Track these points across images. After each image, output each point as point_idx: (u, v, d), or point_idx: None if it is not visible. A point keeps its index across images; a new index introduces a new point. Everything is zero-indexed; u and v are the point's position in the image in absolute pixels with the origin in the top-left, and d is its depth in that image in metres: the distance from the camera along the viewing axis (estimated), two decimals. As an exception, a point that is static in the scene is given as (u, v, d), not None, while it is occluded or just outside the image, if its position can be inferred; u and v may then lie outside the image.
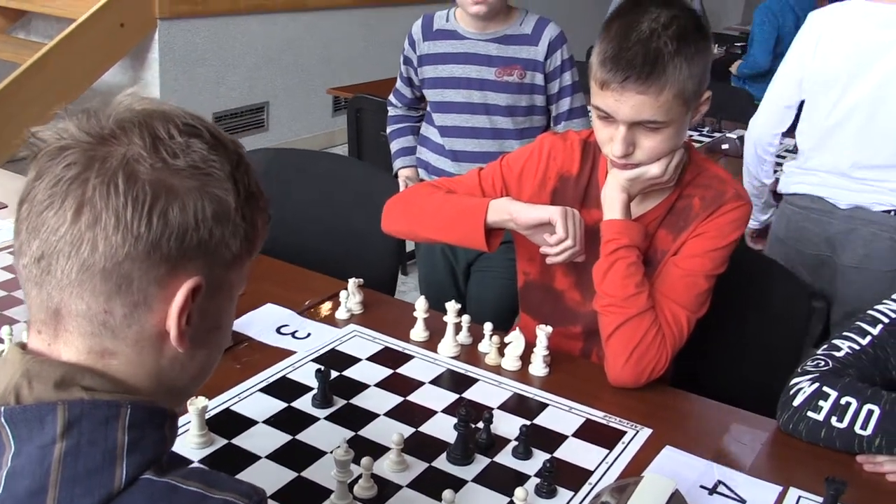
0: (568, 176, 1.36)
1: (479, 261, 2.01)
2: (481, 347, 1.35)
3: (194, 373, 0.67)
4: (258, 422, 1.12)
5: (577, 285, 1.38)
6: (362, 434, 1.11)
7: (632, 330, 1.23)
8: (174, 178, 0.60)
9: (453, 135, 1.98)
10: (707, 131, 3.31)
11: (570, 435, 1.13)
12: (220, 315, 0.66)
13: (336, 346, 1.34)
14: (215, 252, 0.62)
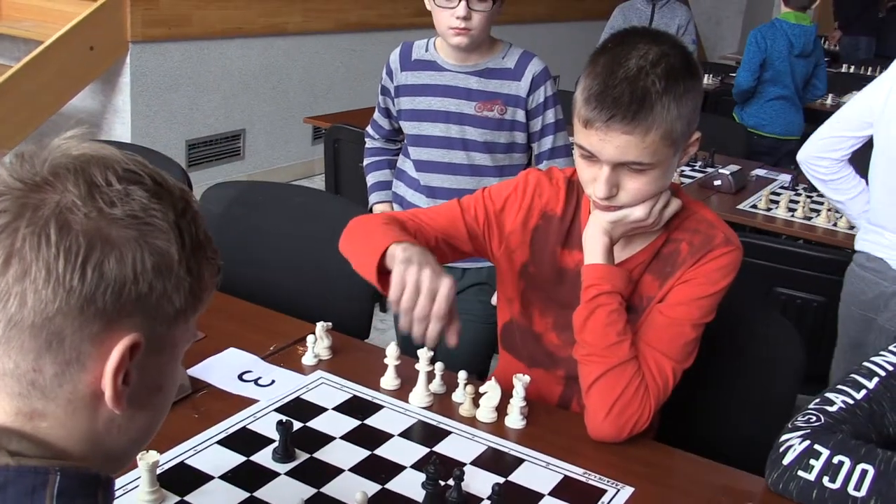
0: (552, 214, 1.36)
1: None
2: (455, 397, 1.34)
3: (134, 436, 0.65)
4: (214, 477, 1.11)
5: (554, 327, 1.37)
6: (324, 491, 1.09)
7: (613, 381, 1.22)
8: (111, 228, 0.60)
9: (429, 170, 1.99)
10: (699, 166, 3.34)
11: (547, 493, 1.12)
12: (161, 375, 0.65)
13: (301, 394, 1.33)
14: (156, 307, 0.61)
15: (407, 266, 1.09)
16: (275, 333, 1.51)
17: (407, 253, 1.11)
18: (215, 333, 1.48)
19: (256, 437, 1.20)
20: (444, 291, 1.06)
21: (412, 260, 1.09)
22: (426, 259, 1.10)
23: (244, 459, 1.15)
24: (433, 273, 1.07)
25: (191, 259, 0.63)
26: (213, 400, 1.29)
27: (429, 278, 1.06)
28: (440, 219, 1.35)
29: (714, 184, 3.02)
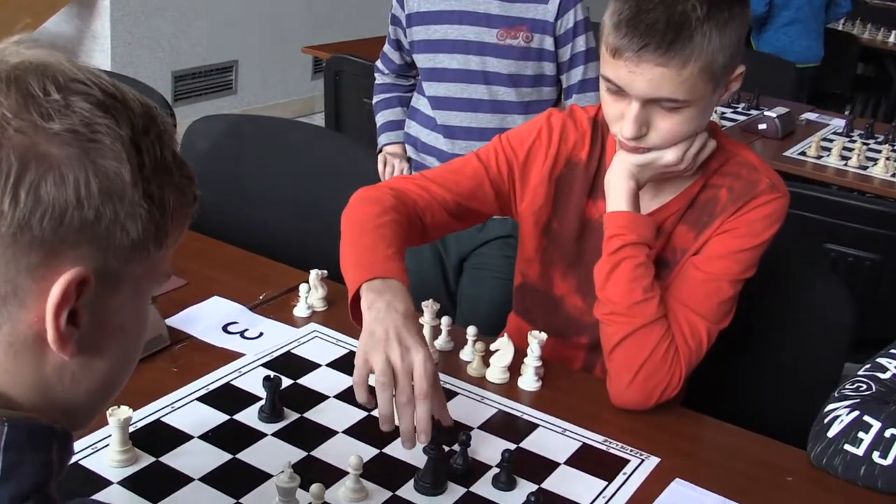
0: (577, 161, 1.34)
1: (473, 256, 2.00)
2: (463, 355, 1.34)
3: (94, 387, 0.63)
4: (193, 437, 1.10)
5: (578, 290, 1.37)
6: (315, 455, 1.09)
7: (639, 343, 1.21)
8: (48, 145, 0.57)
9: (447, 107, 1.95)
10: (742, 108, 3.28)
11: (563, 462, 1.12)
12: (121, 317, 0.62)
13: (292, 348, 1.32)
14: (107, 237, 0.58)
15: (370, 344, 1.03)
16: (264, 281, 1.50)
17: (373, 313, 1.05)
18: (197, 280, 1.47)
19: (241, 395, 1.20)
20: (421, 367, 1.01)
21: (374, 333, 1.04)
22: (396, 320, 1.04)
23: (227, 418, 1.15)
24: (401, 347, 1.02)
25: (150, 183, 0.60)
26: (194, 353, 1.29)
27: (398, 354, 1.01)
28: (461, 181, 1.32)
29: (758, 128, 2.97)
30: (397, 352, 1.02)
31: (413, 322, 1.07)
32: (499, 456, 1.07)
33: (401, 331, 1.04)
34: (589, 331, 1.36)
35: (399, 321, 1.05)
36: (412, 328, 1.05)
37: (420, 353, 1.02)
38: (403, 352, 1.02)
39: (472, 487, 1.06)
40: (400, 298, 1.08)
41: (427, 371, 1.01)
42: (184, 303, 1.41)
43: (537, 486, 1.07)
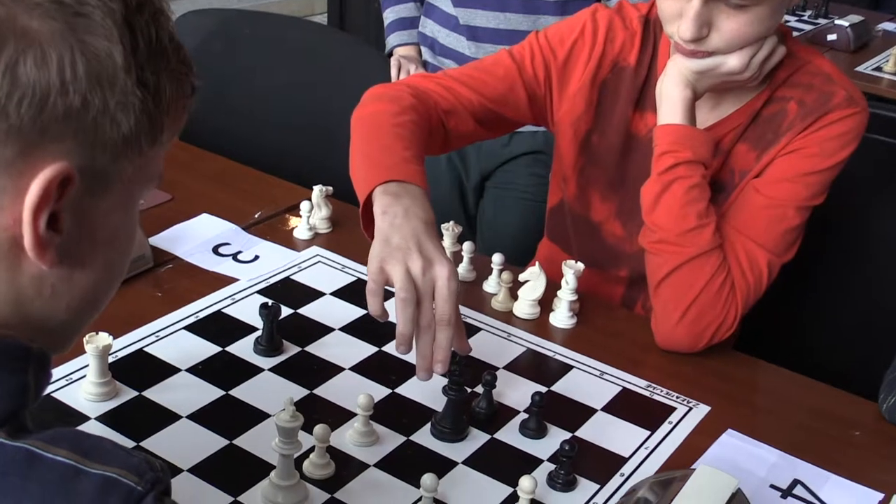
0: (624, 66, 1.32)
1: (497, 174, 1.98)
2: (487, 286, 1.33)
3: (75, 304, 0.62)
4: (180, 370, 1.11)
5: (618, 215, 1.36)
6: (318, 393, 1.09)
7: (690, 277, 1.20)
8: (28, 18, 0.54)
9: (471, 4, 1.89)
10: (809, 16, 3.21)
11: (600, 409, 1.12)
12: (109, 223, 0.60)
13: (292, 274, 1.32)
14: (94, 130, 0.56)
15: (386, 251, 1.00)
16: (260, 198, 1.50)
17: (388, 218, 1.02)
18: (185, 195, 1.46)
19: (234, 324, 1.20)
20: (445, 286, 0.98)
21: (390, 240, 1.00)
22: (416, 228, 1.01)
23: (218, 350, 1.15)
24: (423, 258, 0.99)
25: (144, 68, 0.58)
26: (181, 276, 1.29)
27: (420, 267, 0.98)
28: (491, 82, 1.30)
29: (827, 39, 2.91)
30: (419, 264, 0.99)
31: (434, 232, 1.04)
32: (527, 400, 1.07)
33: (421, 239, 1.01)
34: (629, 262, 1.36)
35: (419, 228, 1.02)
36: (434, 238, 1.02)
37: (445, 268, 0.99)
38: (426, 265, 0.99)
39: (496, 434, 1.06)
40: (420, 204, 1.05)
41: (451, 291, 0.99)
42: (169, 220, 1.40)
43: (571, 433, 1.07)
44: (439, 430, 1.04)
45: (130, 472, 0.55)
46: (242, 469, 0.97)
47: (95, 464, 0.54)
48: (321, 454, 0.97)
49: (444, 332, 1.00)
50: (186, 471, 0.95)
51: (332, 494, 0.95)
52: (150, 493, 0.54)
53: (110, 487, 0.53)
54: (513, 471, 0.99)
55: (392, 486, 0.97)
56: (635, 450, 1.06)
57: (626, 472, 1.02)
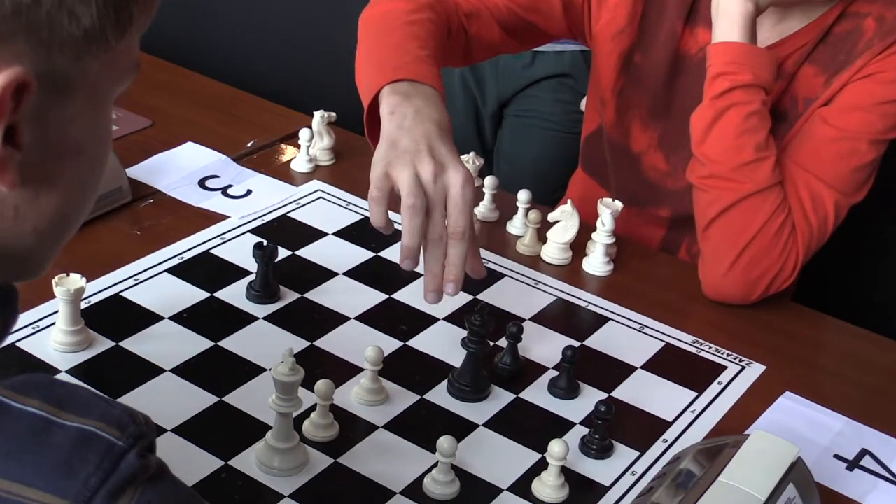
0: None
1: (518, 100, 1.96)
2: (512, 227, 1.33)
3: (42, 226, 0.60)
4: (163, 317, 1.11)
5: (660, 145, 1.36)
6: (320, 346, 1.09)
7: (745, 217, 1.20)
8: None
9: None
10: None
11: (639, 367, 1.12)
12: (77, 132, 0.58)
13: (290, 211, 1.32)
14: (50, 26, 0.54)
15: (392, 154, 0.98)
16: (253, 125, 1.50)
17: (396, 119, 1.01)
18: (167, 121, 1.46)
19: (224, 267, 1.20)
20: (459, 193, 0.96)
21: (398, 142, 0.98)
22: (428, 130, 1.00)
23: (206, 296, 1.15)
24: (435, 162, 0.96)
25: None
26: (163, 213, 1.29)
27: (431, 171, 0.96)
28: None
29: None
30: (430, 168, 0.97)
31: (450, 137, 1.01)
32: (557, 355, 1.07)
33: (434, 142, 0.99)
34: (672, 200, 1.36)
35: (432, 131, 1.00)
36: (449, 142, 1.00)
37: (459, 174, 0.97)
38: (437, 169, 0.97)
39: (522, 394, 1.06)
40: (433, 105, 1.04)
41: (466, 199, 0.97)
42: (149, 149, 1.40)
43: (607, 394, 1.07)
44: (457, 387, 1.04)
45: (110, 424, 0.54)
46: (234, 430, 0.97)
47: (70, 415, 0.54)
48: (323, 413, 0.97)
49: (457, 247, 0.97)
50: (170, 431, 0.95)
51: (336, 459, 0.95)
52: (133, 449, 0.53)
53: (87, 442, 0.53)
54: (541, 435, 0.99)
55: (403, 450, 0.97)
56: (679, 413, 1.06)
57: (668, 439, 1.02)
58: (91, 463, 0.52)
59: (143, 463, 0.53)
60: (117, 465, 0.52)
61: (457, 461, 0.93)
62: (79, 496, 0.51)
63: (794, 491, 0.88)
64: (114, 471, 0.52)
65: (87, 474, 0.52)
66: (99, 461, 0.52)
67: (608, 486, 0.96)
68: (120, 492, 0.52)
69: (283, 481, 0.92)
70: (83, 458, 0.52)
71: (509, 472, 0.96)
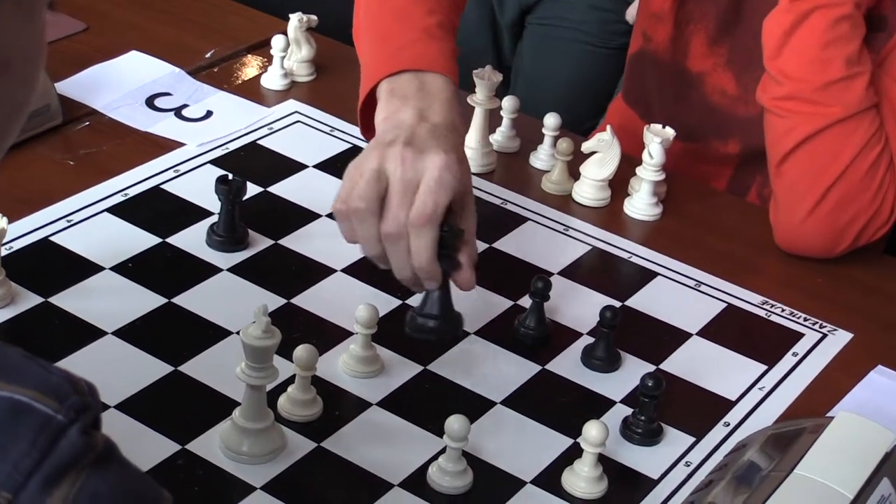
0: None
1: (542, 5, 1.98)
2: (536, 160, 1.34)
3: None
4: (104, 268, 1.11)
5: (730, 64, 1.37)
6: (299, 304, 1.10)
7: (831, 149, 1.21)
8: None
9: None
10: None
11: (695, 333, 1.13)
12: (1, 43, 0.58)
13: (260, 138, 1.33)
14: None
15: (369, 147, 1.01)
16: (214, 31, 1.50)
17: (390, 126, 1.03)
18: (106, 24, 1.46)
19: (179, 206, 1.21)
20: (431, 177, 0.97)
21: (383, 136, 1.01)
22: (424, 129, 1.01)
23: (157, 242, 1.16)
24: (413, 149, 0.98)
25: None
26: (102, 138, 1.29)
27: (400, 161, 0.97)
28: None
29: None
30: (399, 156, 0.98)
31: (451, 135, 1.03)
32: (593, 318, 1.08)
33: (419, 133, 1.01)
34: (742, 131, 1.37)
35: (424, 127, 1.02)
36: (443, 136, 1.01)
37: (440, 157, 0.98)
38: (413, 155, 0.98)
39: (549, 365, 1.07)
40: (439, 106, 1.04)
41: (443, 182, 0.97)
42: (84, 59, 1.39)
43: (655, 366, 1.07)
44: (419, 323, 1.01)
45: (46, 394, 0.54)
46: (193, 406, 0.98)
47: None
48: (304, 387, 0.97)
49: (419, 238, 0.97)
50: (114, 408, 0.95)
51: (319, 443, 0.95)
52: (75, 424, 0.53)
53: (17, 415, 0.53)
54: (573, 415, 0.99)
55: (403, 432, 0.98)
56: (745, 391, 1.06)
57: (731, 422, 1.03)
58: (23, 440, 0.52)
59: (87, 441, 0.53)
60: (55, 444, 0.52)
61: (469, 447, 0.93)
62: (8, 481, 0.51)
63: (890, 486, 0.89)
64: (51, 451, 0.52)
65: (19, 455, 0.52)
66: (33, 439, 0.52)
67: (656, 479, 0.96)
68: (59, 477, 0.52)
69: (255, 470, 0.92)
70: (13, 435, 0.52)
71: (534, 461, 0.96)
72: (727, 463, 0.95)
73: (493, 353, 1.07)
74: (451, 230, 0.98)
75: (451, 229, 0.98)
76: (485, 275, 1.13)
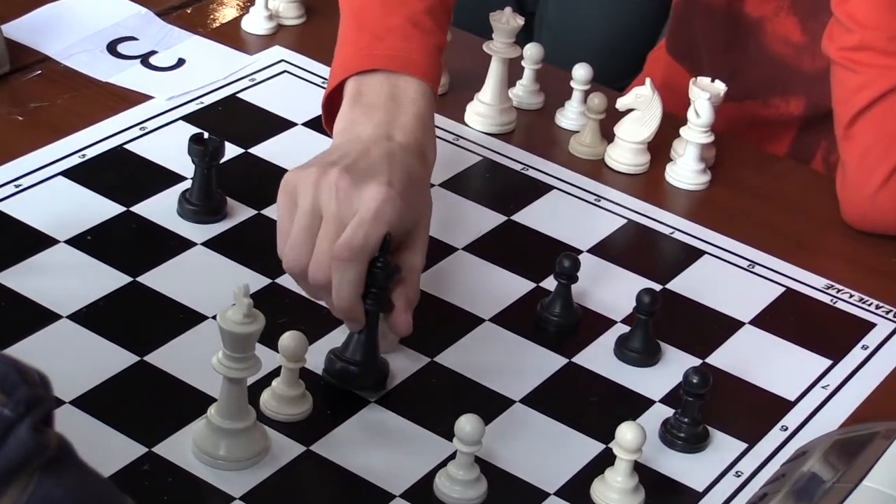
0: None
1: None
2: (563, 119, 1.35)
3: None
4: (58, 241, 1.12)
5: (794, 8, 1.39)
6: (284, 283, 1.10)
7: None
8: None
9: None
10: None
11: (748, 322, 1.13)
12: None
13: (240, 91, 1.34)
14: None
15: (304, 166, 1.02)
16: None
17: (345, 138, 1.05)
18: None
19: (147, 170, 1.22)
20: (372, 206, 0.97)
21: (328, 153, 1.03)
22: (380, 148, 1.02)
23: (121, 210, 1.16)
24: (350, 177, 0.98)
25: None
26: (56, 90, 1.30)
27: (334, 192, 0.98)
28: None
29: None
30: (337, 189, 0.98)
31: (411, 158, 1.03)
32: (629, 303, 1.08)
33: (367, 156, 1.01)
34: (807, 87, 1.38)
35: (378, 149, 1.02)
36: (397, 162, 1.01)
37: (378, 190, 0.97)
38: (350, 185, 0.98)
39: (577, 357, 1.07)
40: (406, 121, 1.05)
41: (379, 214, 0.97)
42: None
43: (700, 359, 1.08)
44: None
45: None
46: (162, 402, 0.98)
47: None
48: (291, 380, 0.97)
49: (340, 274, 0.97)
50: (69, 403, 0.95)
51: (308, 446, 0.95)
52: (24, 420, 0.53)
53: None
54: (605, 416, 1.00)
55: (405, 435, 0.98)
56: (806, 389, 1.07)
57: (789, 426, 1.03)
58: None
59: (38, 440, 0.53)
60: (1, 444, 0.53)
61: (483, 452, 0.93)
62: None
63: (975, 501, 0.89)
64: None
65: None
66: None
67: (701, 491, 0.96)
68: (5, 482, 0.53)
69: (233, 477, 0.92)
70: None
71: (558, 470, 0.96)
72: (784, 473, 0.95)
73: (512, 343, 1.07)
74: (385, 267, 0.98)
75: (386, 266, 0.98)
76: (503, 252, 1.14)
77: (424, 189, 1.04)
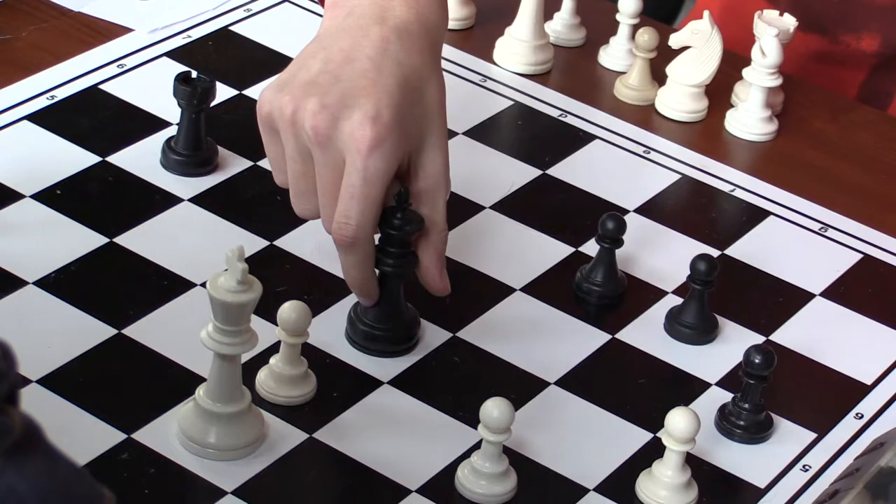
0: None
1: None
2: (607, 58, 1.37)
3: None
4: (24, 195, 1.13)
5: None
6: (284, 246, 1.12)
7: None
8: None
9: None
10: None
11: (818, 294, 1.14)
12: None
13: (233, 23, 1.36)
14: None
15: (285, 76, 1.03)
16: None
17: (335, 23, 1.06)
18: None
19: (125, 114, 1.23)
20: (357, 166, 0.97)
21: (309, 62, 1.02)
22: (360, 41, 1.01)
23: (96, 161, 1.18)
24: (335, 97, 0.98)
25: None
26: (20, 21, 1.31)
27: (315, 111, 0.97)
28: None
29: None
30: (315, 131, 0.97)
31: (412, 42, 1.01)
32: (682, 272, 1.09)
33: (349, 67, 1.00)
34: (882, 22, 1.40)
35: (373, 46, 1.01)
36: (396, 60, 1.00)
37: (366, 126, 0.96)
38: (329, 126, 0.97)
39: (621, 333, 1.08)
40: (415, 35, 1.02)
41: (368, 174, 0.96)
42: None
43: (763, 337, 1.08)
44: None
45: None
46: (143, 382, 0.98)
47: None
48: (292, 358, 0.97)
49: (347, 255, 0.99)
50: (36, 382, 0.96)
51: (311, 434, 0.95)
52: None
53: None
54: (653, 401, 1.01)
55: (423, 421, 0.98)
56: (885, 372, 1.07)
57: (865, 413, 1.03)
58: None
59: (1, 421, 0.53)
60: None
61: (512, 441, 0.93)
62: None
63: None
64: None
65: None
66: None
67: (763, 487, 0.96)
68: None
69: (225, 469, 0.92)
70: None
71: (600, 462, 0.96)
72: (859, 467, 0.95)
73: (547, 317, 1.08)
74: (401, 227, 0.99)
75: (403, 225, 0.99)
76: (537, 212, 1.13)
77: (429, 88, 1.01)
